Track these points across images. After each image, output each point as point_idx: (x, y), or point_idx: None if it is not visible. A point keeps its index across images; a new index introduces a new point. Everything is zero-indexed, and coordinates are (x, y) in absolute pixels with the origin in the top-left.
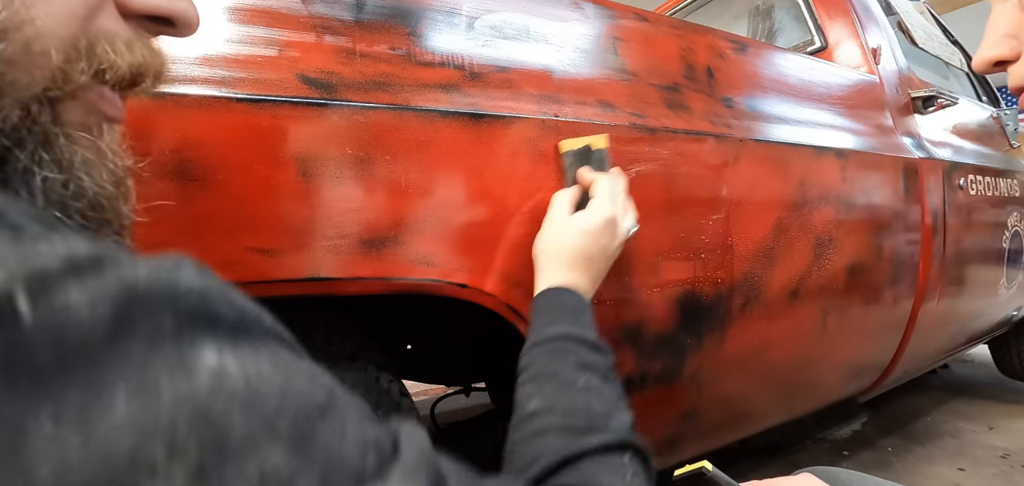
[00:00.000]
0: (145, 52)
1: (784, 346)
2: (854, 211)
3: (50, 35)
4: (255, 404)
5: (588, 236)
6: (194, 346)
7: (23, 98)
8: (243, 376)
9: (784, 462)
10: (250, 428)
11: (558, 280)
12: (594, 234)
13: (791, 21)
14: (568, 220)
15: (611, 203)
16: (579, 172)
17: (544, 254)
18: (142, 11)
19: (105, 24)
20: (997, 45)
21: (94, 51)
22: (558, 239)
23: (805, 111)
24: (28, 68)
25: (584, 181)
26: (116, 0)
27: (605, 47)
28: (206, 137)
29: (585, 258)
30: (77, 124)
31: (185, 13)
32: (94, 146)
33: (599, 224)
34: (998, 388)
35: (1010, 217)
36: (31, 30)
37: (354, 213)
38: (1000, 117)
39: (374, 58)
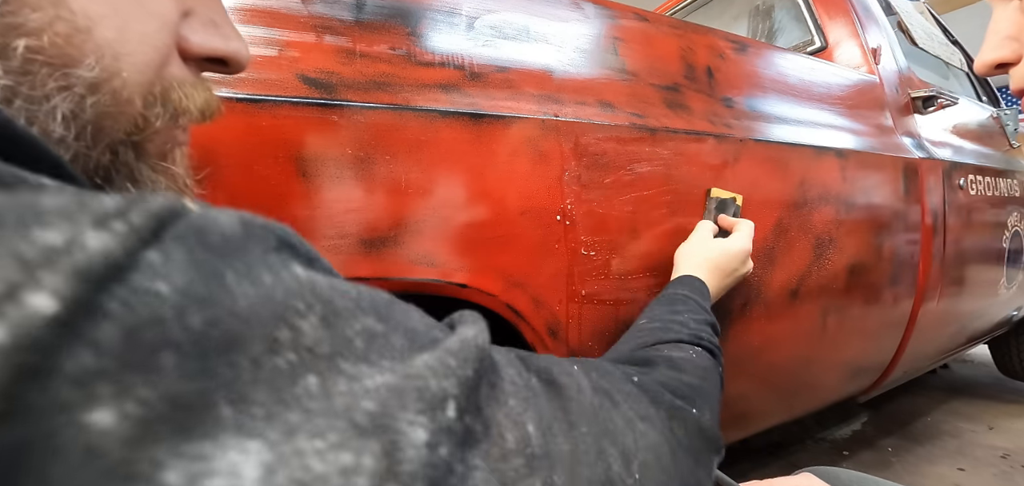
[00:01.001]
0: (206, 93)
1: (784, 346)
2: (854, 211)
3: (133, 84)
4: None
5: (727, 254)
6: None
7: (112, 142)
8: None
9: (784, 462)
10: (346, 303)
11: (693, 272)
12: (732, 255)
13: (791, 21)
14: (711, 239)
15: (749, 241)
16: (721, 216)
17: (687, 257)
18: (202, 55)
19: (174, 71)
20: (998, 47)
21: (169, 97)
22: (702, 247)
23: (805, 111)
24: (116, 116)
25: (726, 223)
26: (179, 46)
27: (605, 47)
28: (206, 137)
29: (719, 269)
30: (158, 154)
31: (238, 54)
32: (171, 173)
33: (737, 248)
34: (998, 388)
35: (1010, 217)
36: (119, 81)
37: (354, 213)
38: (1000, 117)
39: (374, 58)
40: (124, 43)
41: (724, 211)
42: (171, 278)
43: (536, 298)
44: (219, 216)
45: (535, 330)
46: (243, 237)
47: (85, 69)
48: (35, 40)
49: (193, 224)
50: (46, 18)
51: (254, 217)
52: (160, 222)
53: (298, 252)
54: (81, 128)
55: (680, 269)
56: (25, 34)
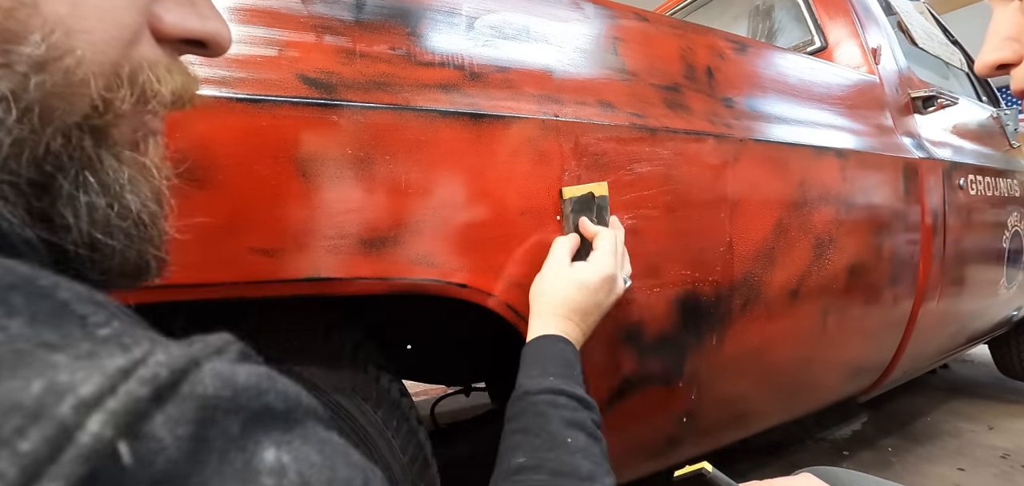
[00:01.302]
0: (183, 78)
1: (784, 346)
2: (854, 211)
3: (91, 63)
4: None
5: (587, 289)
6: (256, 447)
7: (65, 126)
8: (297, 473)
9: (784, 462)
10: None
11: (552, 328)
12: (593, 289)
13: (791, 21)
14: (568, 270)
15: (612, 259)
16: (582, 222)
17: (541, 300)
18: (177, 36)
19: (145, 51)
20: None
21: (137, 79)
22: (557, 288)
23: (805, 111)
24: (68, 97)
25: (586, 232)
26: (152, 26)
27: (605, 47)
28: (206, 137)
29: (581, 311)
30: (127, 142)
31: (218, 34)
32: (140, 163)
33: (598, 280)
34: (998, 388)
35: (1010, 217)
36: (71, 60)
37: (354, 213)
38: (1000, 117)
39: (374, 58)
40: (80, 19)
41: (585, 212)
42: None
43: None
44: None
45: None
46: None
47: (29, 45)
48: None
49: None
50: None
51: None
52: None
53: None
54: (24, 110)
55: (536, 318)
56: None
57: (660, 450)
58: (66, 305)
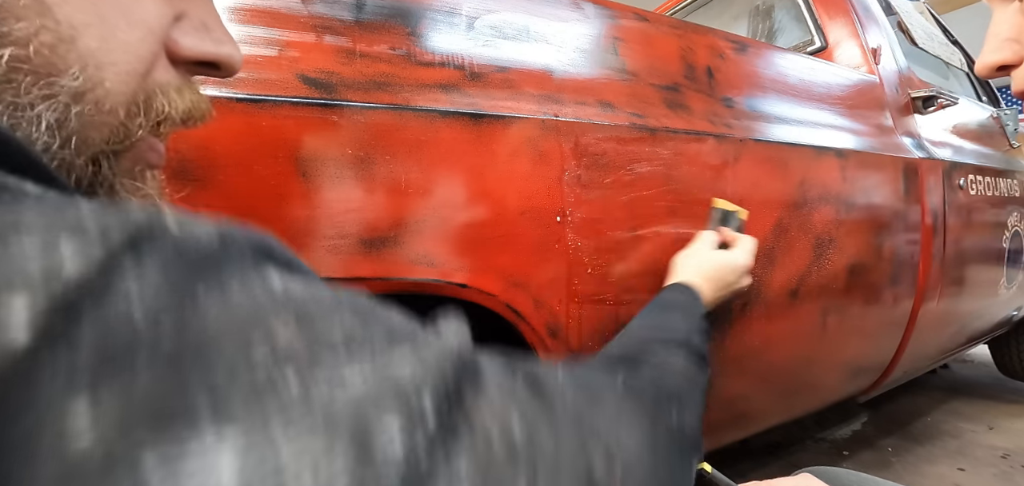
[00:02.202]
0: (194, 97)
1: (784, 346)
2: (854, 211)
3: (116, 94)
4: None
5: (725, 267)
6: (265, 272)
7: (94, 154)
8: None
9: (784, 462)
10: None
11: (689, 279)
12: (731, 267)
13: (791, 21)
14: (712, 250)
15: (750, 257)
16: (723, 229)
17: (684, 263)
18: (193, 59)
19: (160, 76)
20: (999, 50)
21: (151, 105)
22: (701, 257)
23: (805, 111)
24: (99, 126)
25: (728, 237)
26: (168, 50)
27: (605, 47)
28: (206, 137)
29: (716, 279)
30: (127, 173)
31: (231, 58)
32: (142, 192)
33: (736, 264)
34: (998, 388)
35: (1010, 217)
36: (102, 91)
37: (354, 213)
38: (1000, 117)
39: (374, 58)
40: (108, 52)
41: (727, 224)
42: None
43: (536, 298)
44: (195, 229)
45: (535, 330)
46: (218, 250)
47: (69, 78)
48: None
49: (168, 240)
50: (32, 28)
51: (232, 228)
52: (135, 237)
53: (276, 259)
54: (66, 138)
55: (675, 275)
56: (10, 43)
57: None
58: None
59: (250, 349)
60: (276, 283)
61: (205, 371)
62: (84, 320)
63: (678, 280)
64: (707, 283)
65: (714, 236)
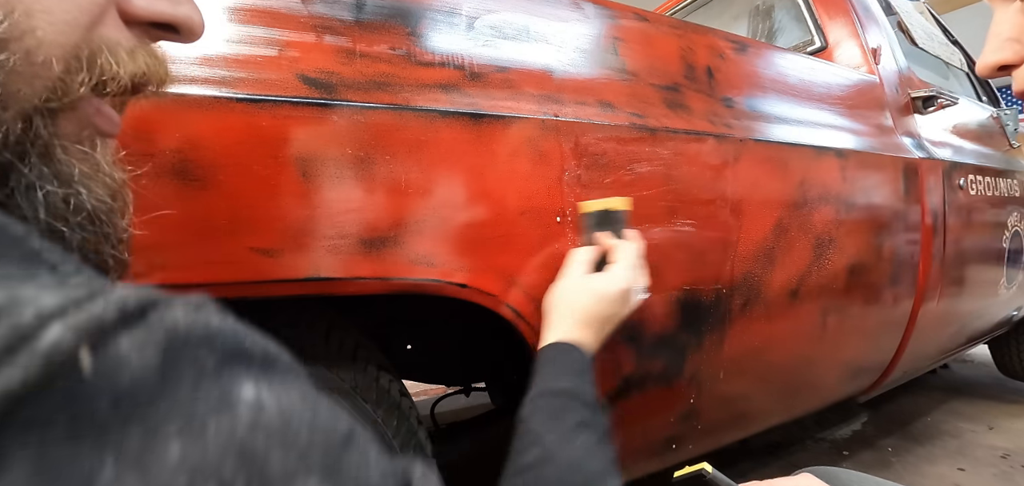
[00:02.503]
0: (148, 60)
1: (784, 346)
2: (854, 211)
3: (52, 44)
4: (289, 438)
5: (603, 300)
6: (232, 381)
7: (25, 109)
8: (278, 409)
9: (784, 462)
10: (288, 462)
11: (568, 335)
12: (609, 300)
13: (791, 21)
14: (585, 280)
15: (629, 272)
16: (597, 236)
17: (558, 307)
18: (146, 18)
19: (108, 33)
20: (1000, 50)
21: (95, 61)
22: (573, 296)
23: (805, 111)
24: (29, 79)
25: (604, 246)
26: (120, 8)
27: (605, 47)
28: (206, 137)
29: (597, 320)
30: (72, 136)
31: (189, 19)
32: (89, 159)
33: (615, 291)
34: (998, 388)
35: (1010, 217)
36: (32, 40)
37: (354, 213)
38: (1000, 117)
39: (374, 58)
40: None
41: (606, 227)
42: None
43: (536, 298)
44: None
45: (535, 330)
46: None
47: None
48: None
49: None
50: None
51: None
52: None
53: (251, 359)
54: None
55: (552, 325)
56: None
57: (660, 450)
58: (37, 253)
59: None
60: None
61: None
62: None
63: (557, 340)
64: (590, 329)
65: (588, 254)
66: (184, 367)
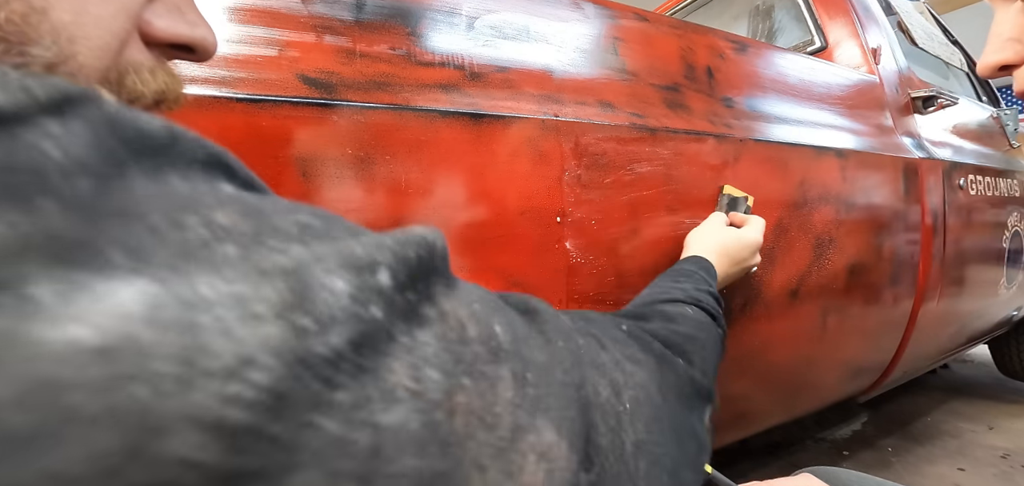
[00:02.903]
0: (166, 79)
1: (784, 346)
2: (854, 211)
3: (90, 69)
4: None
5: (739, 243)
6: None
7: None
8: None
9: (784, 462)
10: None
11: (703, 253)
12: (742, 244)
13: (791, 21)
14: (724, 227)
15: (759, 235)
16: (732, 213)
17: (697, 239)
18: (166, 40)
19: (133, 55)
20: (1001, 50)
21: (123, 83)
22: (713, 233)
23: (805, 111)
24: None
25: (738, 220)
26: (141, 31)
27: (605, 47)
28: (207, 137)
29: (728, 255)
30: None
31: (205, 40)
32: None
33: (749, 240)
34: (998, 388)
35: (1010, 217)
36: (74, 65)
37: (354, 213)
38: (1000, 117)
39: (374, 58)
40: (81, 27)
41: (735, 209)
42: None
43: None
44: (142, 117)
45: None
46: (165, 142)
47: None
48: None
49: (107, 113)
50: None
51: (188, 131)
52: (67, 100)
53: (232, 174)
54: None
55: (689, 251)
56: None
57: None
58: None
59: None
60: (226, 189)
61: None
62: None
63: (692, 253)
64: (720, 257)
65: (724, 217)
66: (180, 145)
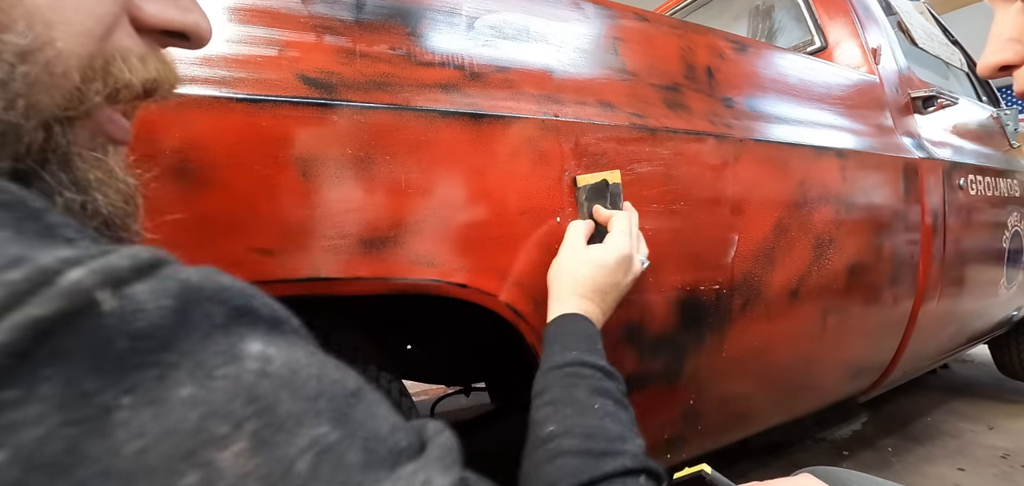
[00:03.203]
0: (158, 66)
1: (784, 346)
2: (854, 211)
3: (70, 55)
4: (297, 385)
5: (604, 269)
6: (240, 337)
7: (45, 119)
8: (284, 363)
9: (784, 462)
10: (296, 406)
11: (572, 308)
12: (610, 268)
13: (791, 21)
14: (584, 251)
15: (627, 239)
16: (595, 208)
17: (559, 281)
18: (157, 26)
19: (121, 41)
20: (1002, 50)
21: (110, 70)
22: (574, 268)
23: (805, 111)
24: (50, 89)
25: (600, 216)
26: (132, 16)
27: (605, 47)
28: (207, 137)
29: (600, 290)
30: (86, 144)
31: (198, 26)
32: (103, 165)
33: (615, 259)
34: (998, 388)
35: (1010, 217)
36: (52, 51)
37: (354, 213)
38: (1000, 117)
39: (374, 58)
40: (58, 11)
41: (599, 199)
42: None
43: (536, 298)
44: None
45: (535, 330)
46: (172, 325)
47: (15, 35)
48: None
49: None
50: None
51: (202, 287)
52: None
53: (258, 319)
54: (11, 99)
55: (555, 300)
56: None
57: (660, 450)
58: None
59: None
60: (252, 349)
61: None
62: None
63: (560, 310)
64: (595, 300)
65: (585, 227)
66: (196, 318)
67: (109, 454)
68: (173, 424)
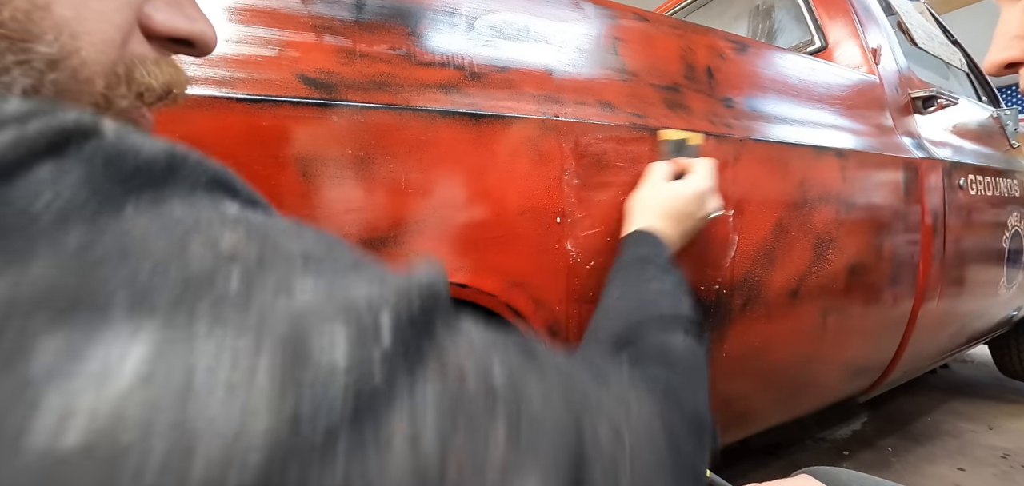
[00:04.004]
0: (171, 70)
1: (784, 346)
2: (854, 211)
3: (94, 63)
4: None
5: (681, 197)
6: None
7: None
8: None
9: (784, 462)
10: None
11: (647, 224)
12: (686, 197)
13: (791, 21)
14: (664, 183)
15: (706, 180)
16: (676, 159)
17: (638, 205)
18: (166, 34)
19: (135, 48)
20: (1007, 47)
21: (133, 75)
22: (652, 193)
23: (805, 111)
24: (76, 96)
25: (683, 166)
26: (142, 25)
27: (605, 47)
28: (206, 137)
29: (675, 215)
30: None
31: (204, 35)
32: None
33: (692, 190)
34: (998, 388)
35: (1010, 217)
36: (78, 60)
37: (354, 213)
38: (1000, 117)
39: (374, 58)
40: (82, 21)
41: (682, 153)
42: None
43: (536, 298)
44: (142, 144)
45: (535, 330)
46: (165, 168)
47: (44, 45)
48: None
49: (105, 146)
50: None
51: (189, 152)
52: (62, 136)
53: (235, 193)
54: None
55: (632, 221)
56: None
57: None
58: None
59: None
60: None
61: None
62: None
63: (637, 228)
64: (668, 222)
65: (666, 167)
66: (183, 172)
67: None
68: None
